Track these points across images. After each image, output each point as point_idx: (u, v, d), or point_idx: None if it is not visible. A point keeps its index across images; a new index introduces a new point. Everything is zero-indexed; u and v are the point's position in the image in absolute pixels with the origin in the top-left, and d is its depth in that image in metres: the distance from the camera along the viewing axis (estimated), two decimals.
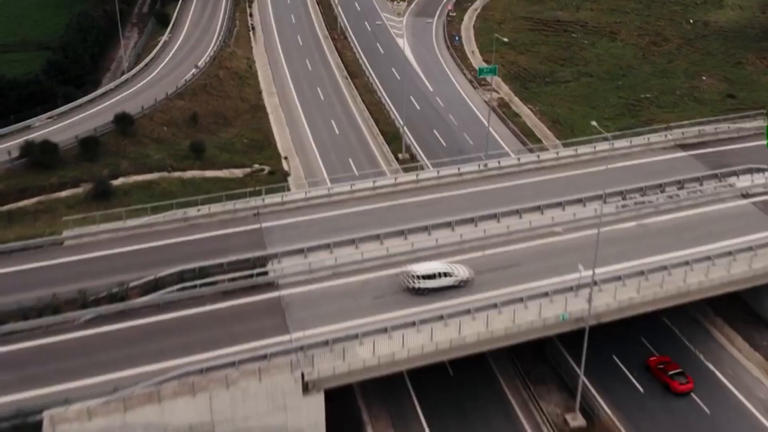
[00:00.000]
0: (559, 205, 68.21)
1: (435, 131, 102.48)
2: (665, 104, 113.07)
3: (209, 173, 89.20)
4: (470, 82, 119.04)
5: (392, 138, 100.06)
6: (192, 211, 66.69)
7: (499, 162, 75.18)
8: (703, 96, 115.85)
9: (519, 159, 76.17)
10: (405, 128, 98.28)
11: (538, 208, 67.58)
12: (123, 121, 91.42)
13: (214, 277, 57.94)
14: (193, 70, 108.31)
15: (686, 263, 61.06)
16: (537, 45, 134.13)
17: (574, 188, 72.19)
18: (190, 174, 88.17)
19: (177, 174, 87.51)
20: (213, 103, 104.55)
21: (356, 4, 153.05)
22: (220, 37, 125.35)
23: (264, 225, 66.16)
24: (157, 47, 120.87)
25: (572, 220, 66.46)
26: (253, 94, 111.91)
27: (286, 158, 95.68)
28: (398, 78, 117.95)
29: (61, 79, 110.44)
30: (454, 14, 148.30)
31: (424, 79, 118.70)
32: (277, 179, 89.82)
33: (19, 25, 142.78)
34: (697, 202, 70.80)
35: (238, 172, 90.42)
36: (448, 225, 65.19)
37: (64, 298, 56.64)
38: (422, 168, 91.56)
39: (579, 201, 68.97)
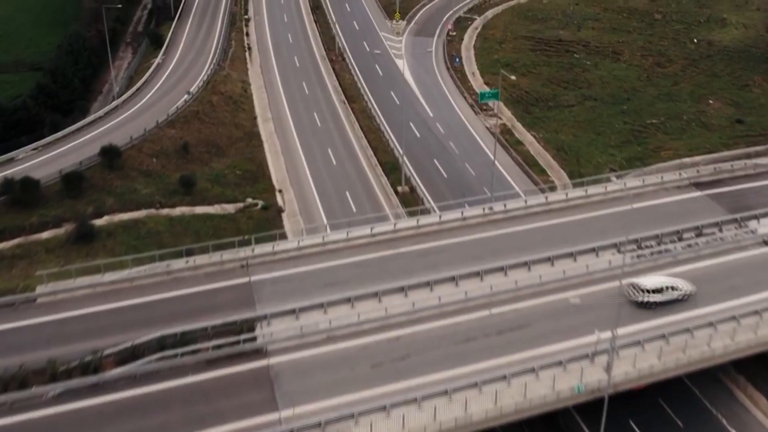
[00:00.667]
0: (570, 255, 61.96)
1: (435, 161, 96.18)
2: (672, 130, 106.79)
3: (199, 209, 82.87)
4: (471, 106, 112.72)
5: (391, 169, 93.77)
6: (177, 263, 60.31)
7: (504, 205, 68.80)
8: (711, 121, 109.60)
9: (526, 201, 69.65)
10: (404, 158, 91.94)
11: (548, 260, 61.29)
12: (109, 153, 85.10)
13: (197, 344, 51.47)
14: (185, 96, 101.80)
15: (710, 324, 54.72)
16: (539, 66, 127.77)
17: (585, 233, 66.04)
18: (179, 211, 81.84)
19: (165, 211, 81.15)
20: (205, 131, 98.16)
21: (354, 23, 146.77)
22: (215, 59, 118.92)
23: (253, 278, 59.87)
24: (150, 70, 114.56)
25: (585, 273, 60.01)
26: (247, 120, 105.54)
27: (280, 191, 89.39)
28: (397, 102, 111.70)
29: (49, 104, 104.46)
30: (454, 33, 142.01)
31: (424, 103, 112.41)
32: (271, 215, 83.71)
33: (12, 44, 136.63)
34: (716, 251, 64.42)
35: (229, 208, 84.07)
36: (452, 279, 58.83)
37: (33, 368, 50.26)
38: (422, 202, 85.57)
39: (592, 250, 62.62)
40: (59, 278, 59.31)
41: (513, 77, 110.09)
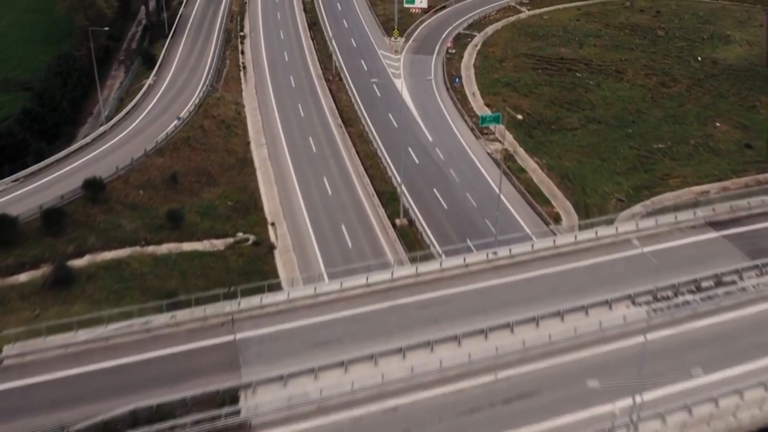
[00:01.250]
0: (581, 309, 56.06)
1: (435, 190, 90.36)
2: (680, 156, 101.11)
3: (187, 246, 77.07)
4: (472, 130, 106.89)
5: (389, 199, 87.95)
6: (157, 319, 54.45)
7: (510, 250, 62.86)
8: (719, 146, 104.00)
9: (533, 246, 63.76)
10: (403, 187, 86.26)
11: (558, 314, 55.36)
12: (93, 187, 79.14)
13: (174, 419, 45.55)
14: (176, 122, 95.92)
15: (736, 392, 48.86)
16: (540, 86, 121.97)
17: (596, 281, 60.27)
18: (165, 248, 76.04)
19: (151, 248, 75.30)
20: (196, 159, 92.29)
21: (352, 40, 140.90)
22: (208, 80, 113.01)
23: (239, 336, 54.02)
24: (140, 92, 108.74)
25: (598, 330, 54.20)
26: (240, 145, 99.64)
27: (273, 224, 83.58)
28: (396, 126, 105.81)
29: (36, 129, 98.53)
30: (454, 51, 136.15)
31: (423, 127, 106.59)
32: (262, 251, 77.96)
33: (3, 62, 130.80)
34: (738, 302, 58.56)
35: (219, 244, 78.25)
36: (454, 338, 52.94)
37: None
38: (422, 237, 79.78)
39: (605, 303, 56.76)
40: (29, 336, 53.32)
41: (520, 116, 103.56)
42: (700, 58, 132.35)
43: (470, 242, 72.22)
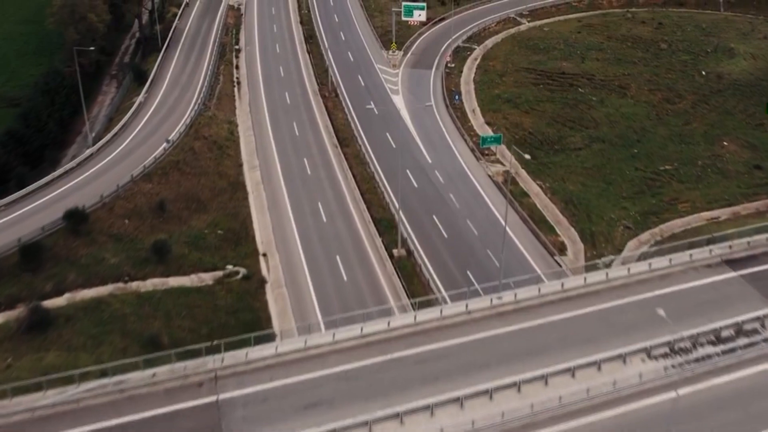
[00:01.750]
0: (594, 364, 50.71)
1: (434, 217, 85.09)
2: (687, 178, 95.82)
3: (173, 281, 71.76)
4: (472, 150, 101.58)
5: (386, 227, 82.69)
6: (132, 378, 49.02)
7: (515, 295, 57.50)
8: (727, 167, 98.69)
9: (540, 290, 58.39)
10: (401, 214, 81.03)
11: (569, 371, 50.01)
12: (75, 218, 73.73)
13: None
14: (165, 145, 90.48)
15: None
16: (542, 102, 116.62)
17: (608, 330, 54.95)
18: (150, 284, 70.70)
19: (135, 285, 70.02)
20: (186, 184, 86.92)
21: (349, 54, 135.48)
22: (201, 97, 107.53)
23: (222, 397, 48.67)
24: (130, 111, 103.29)
25: (613, 390, 48.87)
26: (232, 167, 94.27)
27: (264, 255, 78.25)
28: (393, 146, 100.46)
29: (21, 151, 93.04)
30: (453, 65, 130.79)
31: (422, 147, 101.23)
32: (253, 287, 72.65)
33: None
34: (760, 354, 53.21)
35: (207, 278, 72.92)
36: (457, 401, 47.59)
37: None
38: (420, 270, 74.45)
39: (618, 357, 51.40)
40: None
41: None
42: (704, 73, 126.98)
43: (475, 284, 67.16)
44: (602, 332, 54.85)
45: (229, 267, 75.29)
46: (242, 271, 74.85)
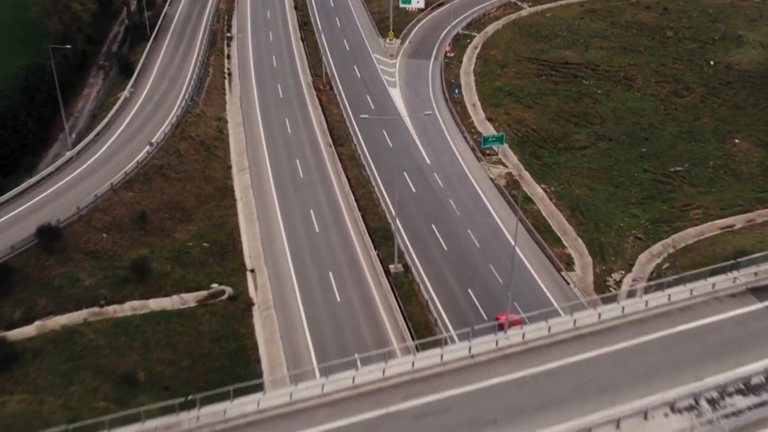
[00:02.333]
0: (612, 422, 44.12)
1: (434, 226, 78.32)
2: (699, 180, 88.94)
3: (154, 303, 65.14)
4: (473, 150, 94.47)
5: (382, 238, 75.92)
6: None
7: (523, 335, 50.83)
8: (740, 168, 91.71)
9: (549, 329, 51.74)
10: (398, 222, 74.37)
11: None
12: (47, 234, 66.83)
13: None
14: (147, 148, 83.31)
15: None
16: (545, 96, 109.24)
17: (627, 375, 48.43)
18: (128, 307, 64.07)
19: (112, 309, 63.41)
20: (169, 191, 79.92)
21: (345, 42, 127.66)
22: (188, 92, 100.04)
23: None
24: (114, 108, 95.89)
25: None
26: (221, 170, 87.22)
27: (252, 271, 71.55)
28: (391, 145, 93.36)
29: None
30: (452, 54, 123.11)
31: (420, 146, 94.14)
32: (239, 309, 66.09)
33: None
34: None
35: (190, 299, 66.28)
36: None
37: None
38: (419, 288, 67.81)
39: (640, 412, 44.88)
40: None
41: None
42: (713, 63, 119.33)
43: (477, 305, 60.25)
44: (620, 379, 48.31)
45: (214, 286, 68.61)
46: (228, 290, 68.18)
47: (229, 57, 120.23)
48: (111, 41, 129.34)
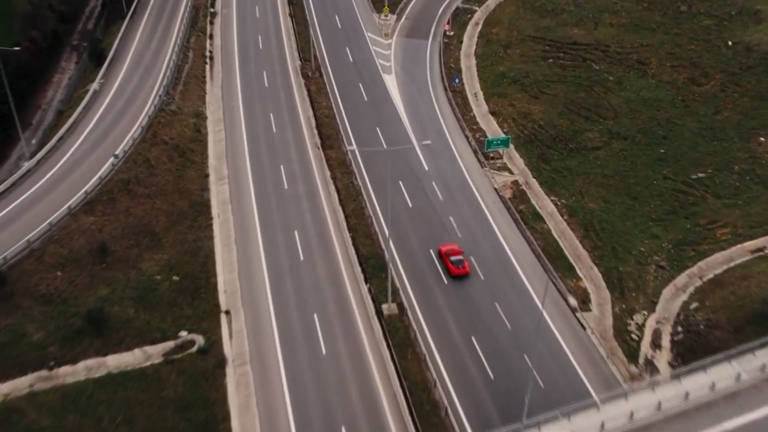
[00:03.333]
0: None
1: (432, 252, 66.80)
2: (724, 190, 77.57)
3: (112, 360, 54.66)
4: (475, 152, 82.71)
5: (375, 269, 64.96)
6: None
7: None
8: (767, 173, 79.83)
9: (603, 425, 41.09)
10: (391, 246, 63.59)
11: None
12: None
13: None
14: (112, 160, 71.41)
15: None
16: (553, 83, 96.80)
17: None
18: (82, 368, 53.59)
19: (63, 372, 52.92)
20: (137, 211, 68.47)
21: (336, 19, 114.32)
22: (164, 84, 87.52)
23: None
24: (81, 104, 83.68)
25: None
26: (196, 180, 75.58)
27: (227, 313, 60.52)
28: (385, 146, 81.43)
29: None
30: (452, 33, 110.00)
31: (418, 147, 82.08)
32: (210, 366, 55.80)
33: None
34: None
35: (154, 354, 55.67)
36: None
37: None
38: (416, 337, 57.06)
39: None
40: None
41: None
42: (731, 43, 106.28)
43: (480, 354, 49.31)
44: None
45: (183, 334, 57.74)
46: (198, 340, 57.37)
47: (211, 37, 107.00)
48: (87, 17, 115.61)
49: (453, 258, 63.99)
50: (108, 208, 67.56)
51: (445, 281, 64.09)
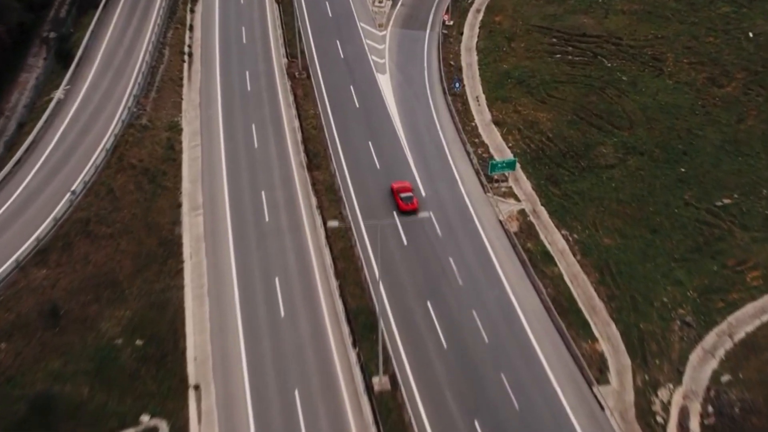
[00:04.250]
0: None
1: (429, 305, 57.41)
2: (752, 221, 67.77)
3: None
4: (477, 173, 72.12)
5: (365, 329, 55.66)
6: None
7: None
8: None
9: None
10: (383, 298, 53.96)
11: None
12: None
13: None
14: (68, 196, 61.04)
15: None
16: (561, 84, 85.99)
17: None
18: None
19: None
20: (97, 257, 58.55)
21: (327, 5, 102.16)
22: (136, 91, 76.53)
23: None
24: (44, 116, 72.92)
25: None
26: (168, 210, 65.49)
27: (197, 388, 51.03)
28: (378, 167, 71.11)
29: None
30: (451, 23, 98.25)
31: (414, 169, 72.31)
32: None
33: None
34: None
35: None
36: None
37: None
38: (411, 424, 47.76)
39: None
40: None
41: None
42: (752, 35, 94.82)
43: None
44: None
45: (145, 419, 48.53)
46: (162, 427, 48.17)
47: (191, 29, 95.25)
48: (59, 5, 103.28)
49: (403, 195, 65.20)
50: (63, 257, 57.51)
51: (445, 345, 54.43)
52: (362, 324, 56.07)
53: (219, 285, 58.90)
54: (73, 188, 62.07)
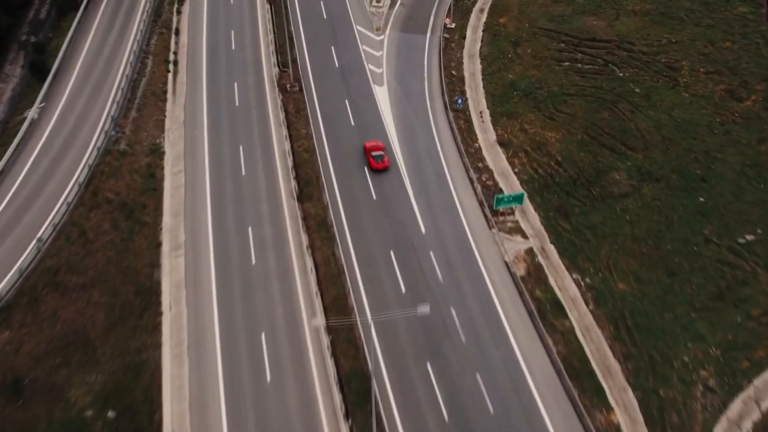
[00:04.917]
0: None
1: (429, 367, 51.47)
2: None
3: None
4: (481, 205, 65.58)
5: (358, 397, 49.74)
6: None
7: None
8: None
9: None
10: (380, 367, 47.99)
11: None
12: None
13: None
14: (35, 243, 54.48)
15: None
16: (571, 98, 78.94)
17: None
18: None
19: None
20: (66, 313, 52.18)
21: (322, 7, 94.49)
22: (114, 112, 69.42)
23: None
24: (14, 143, 65.88)
25: None
26: (147, 252, 58.94)
27: None
28: (374, 197, 64.42)
29: None
30: (453, 26, 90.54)
31: (414, 201, 65.25)
32: None
33: None
34: None
35: None
36: None
37: None
38: None
39: None
40: None
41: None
42: None
43: None
44: None
45: None
46: None
47: (177, 33, 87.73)
48: (39, 5, 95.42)
49: (374, 153, 67.14)
50: (29, 315, 51.22)
51: (446, 417, 48.34)
52: (355, 391, 50.01)
53: (200, 343, 52.71)
54: (39, 235, 55.34)
